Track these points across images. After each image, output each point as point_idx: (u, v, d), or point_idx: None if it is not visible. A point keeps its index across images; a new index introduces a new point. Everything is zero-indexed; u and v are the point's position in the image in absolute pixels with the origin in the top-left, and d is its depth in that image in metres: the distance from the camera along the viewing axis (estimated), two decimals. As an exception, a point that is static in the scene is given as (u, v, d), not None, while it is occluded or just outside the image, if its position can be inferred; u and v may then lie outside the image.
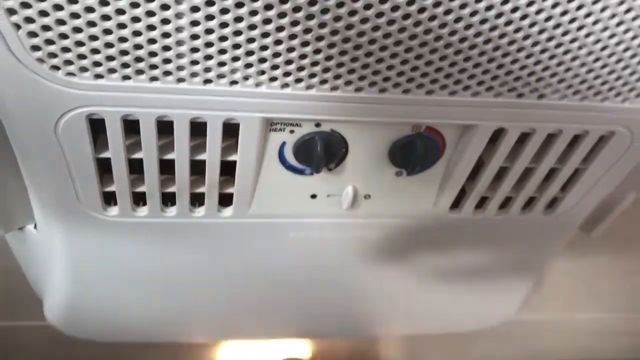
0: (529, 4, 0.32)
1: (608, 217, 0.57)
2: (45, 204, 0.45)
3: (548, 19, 0.33)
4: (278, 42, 0.33)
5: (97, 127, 0.38)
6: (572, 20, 0.34)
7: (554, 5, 0.33)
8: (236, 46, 0.33)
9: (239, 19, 0.31)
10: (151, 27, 0.31)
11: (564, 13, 0.33)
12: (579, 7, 0.33)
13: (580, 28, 0.34)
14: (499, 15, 0.33)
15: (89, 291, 0.54)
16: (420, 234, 0.51)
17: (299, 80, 0.35)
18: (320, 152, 0.40)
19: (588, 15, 0.34)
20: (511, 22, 0.33)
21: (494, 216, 0.50)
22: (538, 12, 0.33)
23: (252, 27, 0.32)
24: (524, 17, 0.33)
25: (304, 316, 0.65)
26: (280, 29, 0.32)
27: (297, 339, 0.93)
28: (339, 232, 0.49)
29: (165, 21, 0.31)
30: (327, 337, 0.92)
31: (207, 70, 0.34)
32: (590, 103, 0.39)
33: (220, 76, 0.35)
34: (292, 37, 0.32)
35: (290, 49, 0.33)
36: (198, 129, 0.39)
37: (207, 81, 0.35)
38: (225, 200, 0.45)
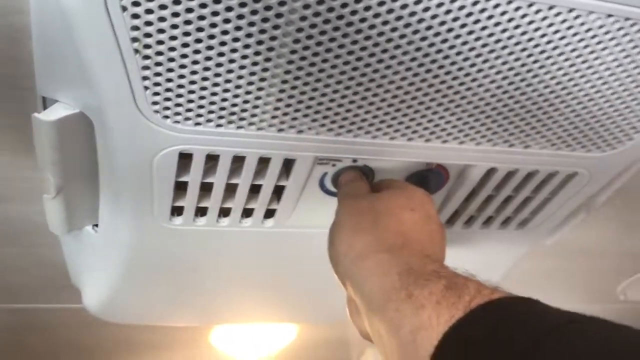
0: (533, 90, 0.44)
1: (561, 231, 0.70)
2: (119, 212, 0.53)
3: (540, 96, 0.45)
4: (340, 104, 0.43)
5: (181, 155, 0.47)
6: (556, 97, 0.45)
7: (551, 92, 0.44)
8: (308, 107, 0.43)
9: (314, 89, 0.41)
10: (248, 92, 0.41)
11: (552, 92, 0.45)
12: (564, 88, 0.45)
13: (561, 102, 0.46)
14: (505, 92, 0.44)
15: (135, 284, 0.63)
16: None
17: (349, 131, 0.46)
18: (354, 182, 0.51)
19: (568, 93, 0.45)
20: (512, 97, 0.45)
21: (478, 230, 0.62)
22: (536, 92, 0.44)
23: (324, 94, 0.42)
24: (522, 94, 0.45)
25: (314, 302, 0.76)
26: (344, 96, 0.42)
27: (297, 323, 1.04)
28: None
29: (260, 88, 0.41)
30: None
31: (282, 122, 0.44)
32: (562, 152, 0.52)
33: (291, 127, 0.45)
34: (352, 102, 0.43)
35: (348, 110, 0.44)
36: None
37: (280, 130, 0.45)
38: (268, 212, 0.55)
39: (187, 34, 0.36)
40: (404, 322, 0.35)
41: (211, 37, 0.37)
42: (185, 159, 0.47)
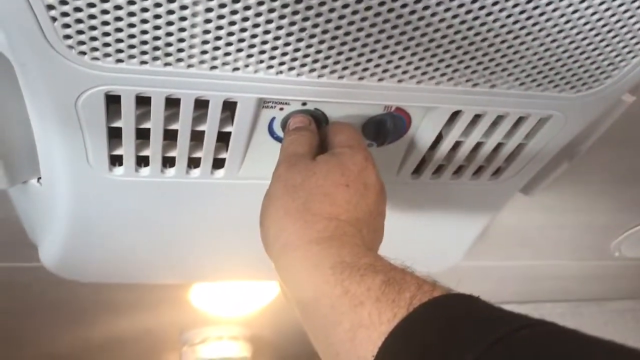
0: (495, 20, 0.39)
1: (544, 182, 0.66)
2: (55, 163, 0.50)
3: (503, 27, 0.40)
4: (277, 37, 0.39)
5: (110, 99, 0.43)
6: (521, 29, 0.41)
7: (515, 23, 0.40)
8: (241, 39, 0.38)
9: (245, 19, 0.37)
10: (169, 23, 0.37)
11: (515, 23, 0.40)
12: (531, 21, 0.40)
13: (528, 34, 0.41)
14: (463, 22, 0.39)
15: (85, 239, 0.60)
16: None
17: (291, 68, 0.42)
18: (305, 127, 0.47)
19: (535, 24, 0.41)
20: (472, 28, 0.40)
21: (449, 181, 0.58)
22: (499, 23, 0.40)
23: (256, 25, 0.37)
24: (482, 24, 0.40)
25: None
26: (279, 27, 0.38)
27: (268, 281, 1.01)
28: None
29: (182, 18, 0.36)
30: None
31: (214, 58, 0.40)
32: (532, 92, 0.47)
33: (225, 63, 0.40)
34: (289, 34, 0.38)
35: (287, 43, 0.39)
36: (199, 103, 0.44)
37: (213, 67, 0.40)
38: (218, 163, 0.51)
39: (86, -48, 0.32)
40: (341, 319, 0.33)
41: (115, -45, 0.32)
42: (117, 102, 0.43)
